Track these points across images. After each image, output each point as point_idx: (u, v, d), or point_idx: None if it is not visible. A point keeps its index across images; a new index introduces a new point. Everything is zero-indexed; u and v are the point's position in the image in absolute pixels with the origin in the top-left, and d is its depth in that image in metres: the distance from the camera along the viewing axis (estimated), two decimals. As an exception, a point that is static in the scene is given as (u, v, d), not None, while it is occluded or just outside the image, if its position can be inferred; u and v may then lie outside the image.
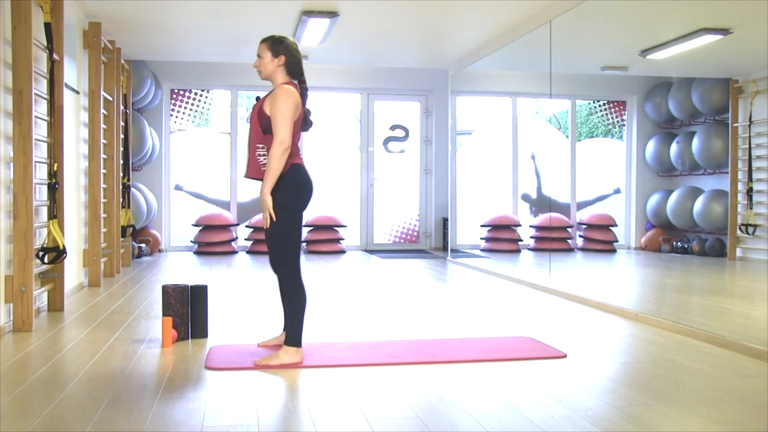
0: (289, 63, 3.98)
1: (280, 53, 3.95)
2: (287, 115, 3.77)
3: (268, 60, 3.96)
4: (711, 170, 10.08)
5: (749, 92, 9.27)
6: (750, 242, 9.21)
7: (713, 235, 9.91)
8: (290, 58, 3.98)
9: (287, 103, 3.79)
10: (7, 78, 4.75)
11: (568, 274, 8.55)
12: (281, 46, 3.96)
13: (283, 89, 3.85)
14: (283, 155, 3.72)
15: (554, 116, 11.75)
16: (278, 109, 3.77)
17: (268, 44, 3.97)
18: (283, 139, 3.71)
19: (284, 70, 3.99)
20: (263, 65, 3.98)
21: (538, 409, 3.09)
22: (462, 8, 7.19)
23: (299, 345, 3.85)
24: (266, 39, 3.99)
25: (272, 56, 3.95)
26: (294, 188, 3.84)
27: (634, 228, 11.19)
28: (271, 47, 3.96)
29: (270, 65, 3.97)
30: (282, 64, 3.97)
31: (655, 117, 11.01)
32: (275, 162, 3.71)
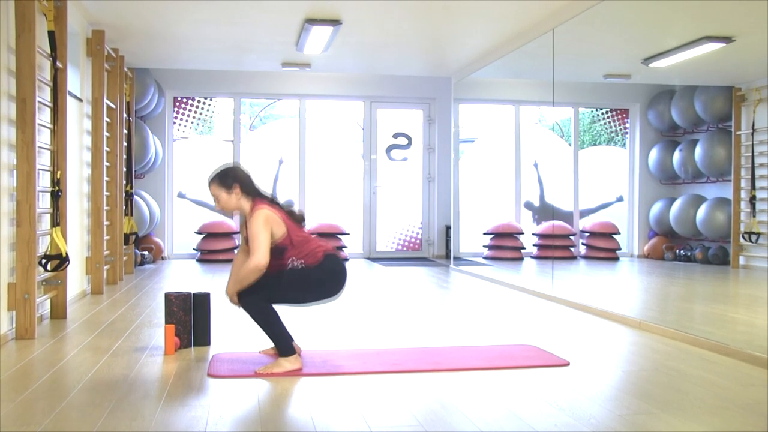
0: (245, 189, 3.96)
1: (231, 185, 3.94)
2: (260, 236, 3.78)
3: (225, 198, 3.96)
4: (714, 178, 10.07)
5: (752, 100, 9.27)
6: (753, 250, 9.20)
7: (716, 243, 9.89)
8: (243, 184, 3.97)
9: (258, 226, 3.81)
10: (11, 86, 4.76)
11: (571, 282, 8.54)
12: (229, 178, 3.96)
13: (254, 214, 3.86)
14: (255, 273, 3.76)
15: (557, 124, 11.76)
16: (252, 234, 3.82)
17: (217, 183, 3.97)
18: (259, 261, 3.74)
19: (244, 196, 3.96)
20: (225, 203, 3.97)
21: (541, 417, 3.08)
22: (465, 16, 7.20)
23: (293, 353, 3.85)
24: (213, 178, 4.00)
25: (227, 192, 3.95)
26: (328, 274, 3.93)
27: (637, 236, 11.18)
28: (221, 184, 3.96)
29: (231, 201, 3.96)
30: (239, 192, 3.95)
31: (658, 125, 11.01)
32: (246, 275, 3.78)
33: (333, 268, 3.95)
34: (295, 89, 10.86)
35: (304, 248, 3.90)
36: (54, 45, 5.37)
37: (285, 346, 3.86)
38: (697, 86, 10.02)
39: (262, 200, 3.96)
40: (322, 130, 11.25)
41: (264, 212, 3.84)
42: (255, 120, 11.50)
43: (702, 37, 7.42)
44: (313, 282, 3.90)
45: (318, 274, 3.89)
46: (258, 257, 3.74)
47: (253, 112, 11.52)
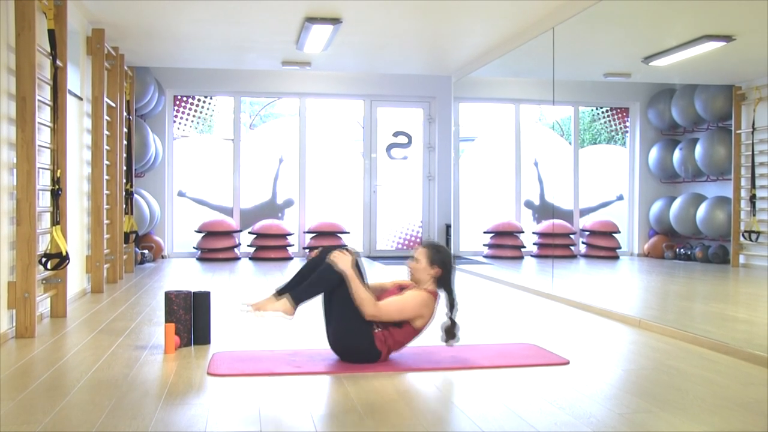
0: (442, 275, 4.03)
1: (434, 264, 4.01)
2: (405, 307, 3.90)
3: (422, 267, 4.02)
4: (714, 177, 10.07)
5: (752, 99, 9.26)
6: (753, 249, 9.20)
7: (716, 241, 9.89)
8: (445, 273, 4.03)
9: (415, 302, 3.92)
10: (11, 84, 4.76)
11: (571, 280, 8.54)
12: (439, 258, 4.03)
13: (423, 293, 3.96)
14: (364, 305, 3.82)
15: (557, 123, 11.75)
16: (405, 300, 3.92)
17: (428, 251, 4.04)
18: (373, 311, 3.83)
19: (433, 281, 4.03)
20: (416, 269, 4.04)
21: (540, 416, 3.08)
22: (465, 15, 7.20)
23: (298, 302, 3.93)
24: (429, 246, 4.08)
25: (428, 265, 4.01)
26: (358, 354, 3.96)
27: (637, 235, 11.18)
28: (430, 256, 4.02)
29: (422, 273, 4.03)
30: (434, 274, 4.02)
31: (658, 124, 11.00)
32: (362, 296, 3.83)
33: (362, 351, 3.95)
34: (295, 88, 10.86)
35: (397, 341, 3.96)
36: (54, 43, 5.37)
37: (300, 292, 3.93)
38: (697, 85, 10.01)
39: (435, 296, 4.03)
40: (322, 128, 11.25)
41: (430, 299, 3.95)
42: (255, 119, 11.50)
43: (702, 36, 7.42)
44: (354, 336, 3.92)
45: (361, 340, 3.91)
46: (378, 310, 3.83)
47: (253, 111, 11.52)
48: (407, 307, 3.89)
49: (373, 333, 3.89)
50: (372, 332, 3.89)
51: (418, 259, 4.03)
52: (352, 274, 3.88)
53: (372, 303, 3.83)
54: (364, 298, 3.82)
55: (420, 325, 3.95)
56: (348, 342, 3.94)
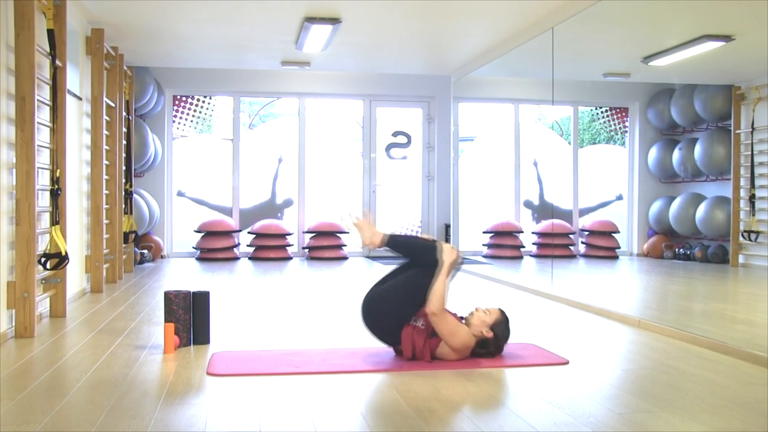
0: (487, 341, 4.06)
1: (492, 330, 4.05)
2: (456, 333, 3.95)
3: (483, 321, 4.06)
4: (713, 177, 10.07)
5: (751, 99, 9.27)
6: (752, 249, 9.20)
7: (716, 241, 9.90)
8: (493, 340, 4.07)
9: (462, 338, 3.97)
10: (10, 84, 4.76)
11: (571, 280, 8.54)
12: (500, 327, 4.08)
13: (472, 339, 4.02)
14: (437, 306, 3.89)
15: (556, 123, 11.76)
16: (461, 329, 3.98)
17: (498, 317, 4.10)
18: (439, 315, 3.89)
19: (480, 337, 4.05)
20: (479, 319, 4.07)
21: (540, 415, 3.08)
22: (464, 15, 7.20)
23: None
24: (502, 313, 4.14)
25: (488, 326, 4.05)
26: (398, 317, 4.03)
27: (637, 235, 11.18)
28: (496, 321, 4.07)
29: (480, 327, 4.05)
30: (484, 336, 4.04)
31: (658, 123, 11.01)
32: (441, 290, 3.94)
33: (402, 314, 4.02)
34: (294, 88, 10.86)
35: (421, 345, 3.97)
36: (53, 43, 5.36)
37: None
38: (696, 85, 10.02)
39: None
40: (321, 128, 11.25)
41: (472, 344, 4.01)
42: (254, 118, 11.50)
43: (702, 36, 7.42)
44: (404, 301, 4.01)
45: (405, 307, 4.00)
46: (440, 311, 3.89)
47: (252, 111, 11.52)
48: (458, 332, 3.94)
49: (408, 322, 3.96)
50: (408, 320, 3.97)
51: (486, 318, 4.07)
52: (447, 269, 3.98)
53: (443, 301, 3.91)
54: (441, 293, 3.90)
55: (445, 352, 3.98)
56: (383, 309, 4.01)
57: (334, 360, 4.05)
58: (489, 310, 4.13)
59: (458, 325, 3.98)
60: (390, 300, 4.02)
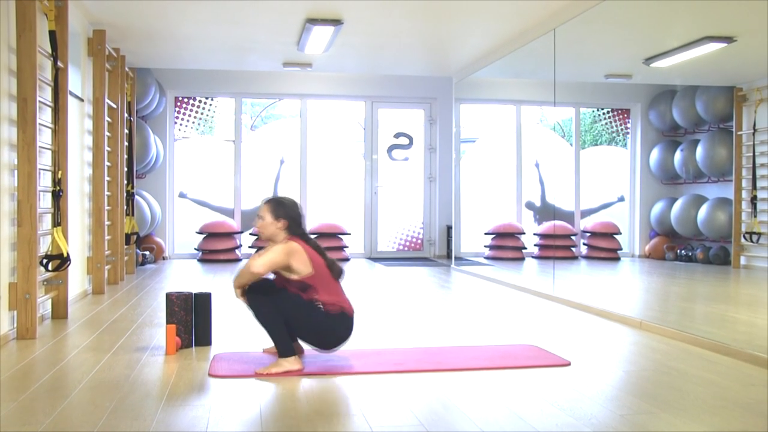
0: (289, 227, 4.02)
1: (280, 217, 3.99)
2: (270, 255, 3.86)
3: (269, 222, 4.00)
4: (715, 178, 10.07)
5: (753, 100, 9.26)
6: (754, 250, 9.19)
7: (717, 243, 9.89)
8: (291, 222, 4.02)
9: (276, 250, 3.89)
10: (12, 85, 4.76)
11: (572, 282, 8.54)
12: (282, 210, 4.01)
13: (279, 244, 3.94)
14: (247, 275, 3.86)
15: (558, 124, 11.75)
16: (267, 250, 3.91)
17: (269, 206, 4.02)
18: (256, 268, 3.83)
19: (284, 232, 4.01)
20: (264, 227, 4.02)
21: (542, 417, 3.08)
22: (466, 16, 7.20)
23: (292, 353, 3.86)
24: (269, 201, 4.06)
25: (273, 218, 4.00)
26: (334, 327, 3.96)
27: (638, 236, 11.18)
28: (272, 210, 4.01)
29: (271, 227, 4.01)
30: (282, 227, 4.00)
31: (659, 125, 11.00)
32: (242, 272, 3.90)
33: (341, 327, 3.96)
34: (296, 89, 10.87)
35: (328, 297, 3.92)
36: (55, 45, 5.37)
37: (285, 347, 3.85)
38: (698, 86, 10.01)
39: (301, 239, 4.01)
40: (323, 130, 11.25)
41: (291, 245, 3.92)
42: (256, 120, 11.50)
43: (703, 37, 7.41)
44: (319, 324, 3.92)
45: (327, 321, 3.91)
46: (257, 264, 3.83)
47: (254, 112, 11.52)
48: (273, 257, 3.86)
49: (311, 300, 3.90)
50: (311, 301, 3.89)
51: (263, 216, 4.02)
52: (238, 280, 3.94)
53: (246, 266, 3.87)
54: (242, 269, 3.90)
55: (305, 273, 3.88)
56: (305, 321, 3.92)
57: (335, 361, 4.05)
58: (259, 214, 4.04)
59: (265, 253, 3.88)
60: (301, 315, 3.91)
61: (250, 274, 3.85)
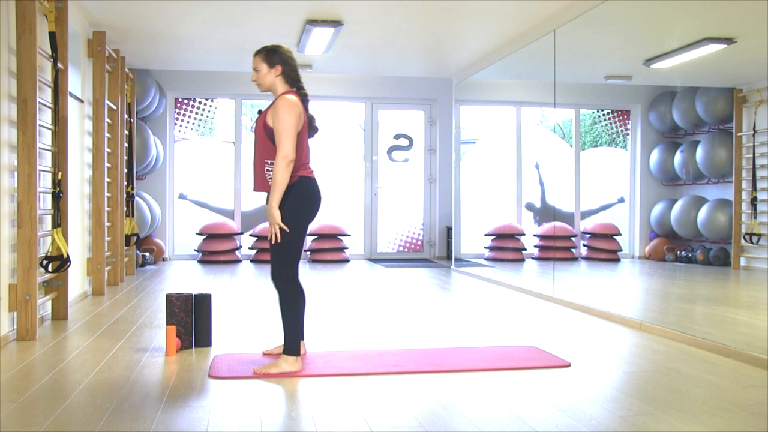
0: (287, 71, 3.96)
1: (276, 63, 3.94)
2: (290, 128, 3.76)
3: (265, 72, 3.95)
4: (715, 179, 10.07)
5: (753, 101, 9.26)
6: (754, 251, 9.19)
7: (717, 244, 9.89)
8: (286, 66, 3.96)
9: (290, 115, 3.77)
10: (12, 87, 4.76)
11: (572, 283, 8.53)
12: (276, 56, 3.95)
13: (284, 100, 3.82)
14: (287, 168, 3.74)
15: (558, 125, 11.76)
16: (281, 121, 3.75)
17: (262, 56, 3.95)
18: (287, 152, 3.73)
19: (283, 79, 3.97)
20: (261, 78, 3.96)
21: (542, 418, 3.08)
22: (466, 17, 7.20)
23: (298, 354, 3.85)
24: (260, 51, 3.98)
25: (269, 67, 3.94)
26: (300, 201, 3.87)
27: (638, 237, 11.17)
28: (266, 58, 3.94)
29: (268, 77, 3.96)
30: (280, 73, 3.95)
31: (659, 126, 11.00)
32: (281, 175, 3.73)
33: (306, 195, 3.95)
34: (296, 90, 10.84)
35: (300, 161, 3.89)
36: (55, 46, 5.38)
37: (293, 344, 3.84)
38: (698, 87, 10.01)
39: (296, 93, 3.97)
40: (323, 131, 11.19)
41: (295, 100, 3.84)
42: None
43: (703, 39, 7.41)
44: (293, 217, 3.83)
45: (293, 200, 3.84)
46: (285, 150, 3.71)
47: (254, 114, 11.52)
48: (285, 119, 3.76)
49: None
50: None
51: (258, 68, 3.96)
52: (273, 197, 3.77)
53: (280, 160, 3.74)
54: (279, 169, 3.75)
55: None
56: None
57: (335, 362, 4.06)
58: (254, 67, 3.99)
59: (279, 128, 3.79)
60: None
61: (289, 161, 3.72)
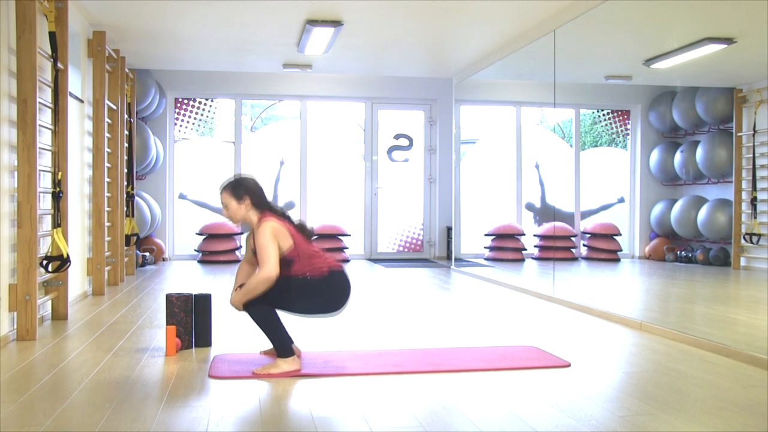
0: (255, 201, 4.00)
1: (242, 196, 3.97)
2: (269, 248, 3.80)
3: (235, 207, 3.98)
4: (715, 179, 10.07)
5: (753, 101, 9.26)
6: (754, 251, 9.19)
7: (717, 244, 9.89)
8: (254, 196, 4.00)
9: (266, 238, 3.82)
10: (12, 87, 4.76)
11: (572, 283, 8.54)
12: (241, 189, 3.99)
13: (261, 228, 3.87)
14: (265, 283, 3.78)
15: (558, 125, 11.76)
16: (261, 245, 3.82)
17: (229, 192, 4.00)
18: (270, 272, 3.76)
19: (254, 209, 3.99)
20: (233, 213, 4.00)
21: (542, 418, 3.08)
22: (466, 17, 7.20)
23: (291, 354, 3.86)
24: (225, 187, 4.03)
25: (237, 202, 3.98)
26: (333, 294, 4.00)
27: (638, 237, 11.17)
28: (233, 193, 3.98)
29: (240, 211, 3.99)
30: (249, 204, 3.98)
31: (659, 126, 11.01)
32: (256, 286, 3.79)
33: (337, 284, 3.98)
34: (296, 90, 10.87)
35: (311, 262, 3.92)
36: (55, 46, 5.38)
37: (283, 347, 3.86)
38: (698, 87, 10.01)
39: (271, 213, 3.99)
40: (323, 131, 11.25)
41: (271, 224, 3.87)
42: (256, 121, 11.51)
43: (703, 39, 7.41)
44: (316, 293, 3.92)
45: (321, 287, 3.92)
46: (269, 268, 3.76)
47: (254, 113, 11.52)
48: (264, 243, 3.80)
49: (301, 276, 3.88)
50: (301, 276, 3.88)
51: (226, 204, 3.99)
52: (239, 295, 3.87)
53: (262, 277, 3.78)
54: (257, 282, 3.78)
55: (287, 246, 3.86)
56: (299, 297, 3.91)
57: (335, 362, 4.06)
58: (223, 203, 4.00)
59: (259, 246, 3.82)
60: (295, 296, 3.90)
61: (269, 281, 3.77)
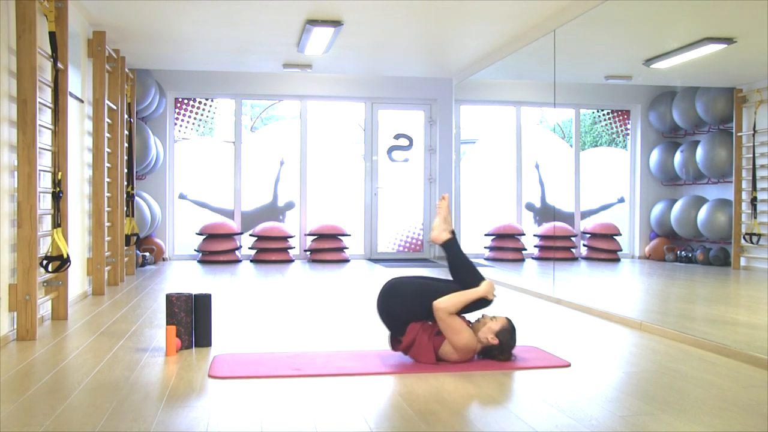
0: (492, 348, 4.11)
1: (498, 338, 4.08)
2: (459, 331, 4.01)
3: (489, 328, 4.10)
4: (715, 179, 10.07)
5: (753, 101, 9.26)
6: (754, 251, 9.19)
7: (717, 244, 9.89)
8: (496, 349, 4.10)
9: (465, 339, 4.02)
10: (12, 87, 4.76)
11: (572, 283, 8.53)
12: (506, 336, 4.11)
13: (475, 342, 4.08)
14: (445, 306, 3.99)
15: (558, 125, 11.76)
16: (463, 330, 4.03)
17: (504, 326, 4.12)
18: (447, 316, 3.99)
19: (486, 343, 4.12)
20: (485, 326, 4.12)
21: (541, 418, 3.08)
22: (466, 17, 7.20)
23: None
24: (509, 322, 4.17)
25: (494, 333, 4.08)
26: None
27: (638, 237, 11.18)
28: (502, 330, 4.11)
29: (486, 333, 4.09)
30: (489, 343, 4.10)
31: (659, 126, 11.01)
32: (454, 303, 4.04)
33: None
34: (296, 90, 10.87)
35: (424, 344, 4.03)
36: (55, 46, 5.37)
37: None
38: (698, 87, 10.01)
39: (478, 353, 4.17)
40: (323, 131, 11.25)
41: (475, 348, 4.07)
42: (256, 121, 11.50)
43: (703, 39, 7.42)
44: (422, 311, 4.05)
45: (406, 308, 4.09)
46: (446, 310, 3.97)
47: (254, 113, 11.52)
48: (463, 332, 3.98)
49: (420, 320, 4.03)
50: (421, 318, 4.03)
51: (493, 326, 4.10)
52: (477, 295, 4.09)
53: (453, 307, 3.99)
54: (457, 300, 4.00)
55: (448, 351, 4.00)
56: (405, 296, 4.11)
57: (336, 362, 4.06)
58: (496, 317, 4.15)
59: (464, 325, 4.01)
60: (417, 293, 4.09)
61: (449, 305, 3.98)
